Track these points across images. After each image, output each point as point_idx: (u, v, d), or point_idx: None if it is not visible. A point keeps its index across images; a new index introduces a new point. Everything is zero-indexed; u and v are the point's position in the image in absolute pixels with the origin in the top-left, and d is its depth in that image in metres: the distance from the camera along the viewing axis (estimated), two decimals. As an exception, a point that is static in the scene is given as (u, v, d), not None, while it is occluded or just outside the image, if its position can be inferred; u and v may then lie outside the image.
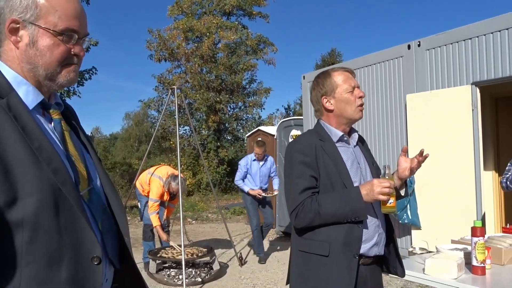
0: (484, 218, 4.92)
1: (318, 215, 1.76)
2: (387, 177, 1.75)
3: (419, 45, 5.58)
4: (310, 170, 1.81)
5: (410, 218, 5.37)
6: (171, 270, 5.45)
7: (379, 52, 6.23)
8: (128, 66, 57.58)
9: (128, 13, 53.16)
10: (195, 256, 5.42)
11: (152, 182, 5.58)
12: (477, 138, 4.95)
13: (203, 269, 5.55)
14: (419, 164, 1.89)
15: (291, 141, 2.02)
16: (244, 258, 6.27)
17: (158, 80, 18.37)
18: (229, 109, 18.92)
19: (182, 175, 5.70)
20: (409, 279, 2.46)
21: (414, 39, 5.66)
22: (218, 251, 6.45)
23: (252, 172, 6.36)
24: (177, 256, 5.37)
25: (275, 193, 6.72)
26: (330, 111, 1.92)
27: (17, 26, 1.02)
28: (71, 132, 1.12)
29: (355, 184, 1.82)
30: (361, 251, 1.80)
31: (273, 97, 42.13)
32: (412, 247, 5.45)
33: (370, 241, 1.82)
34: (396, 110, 5.89)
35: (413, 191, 5.42)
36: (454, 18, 45.84)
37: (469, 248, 2.49)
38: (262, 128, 9.72)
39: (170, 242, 5.63)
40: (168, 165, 7.43)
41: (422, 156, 1.88)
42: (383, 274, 2.02)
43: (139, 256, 5.94)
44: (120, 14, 53.15)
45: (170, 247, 5.64)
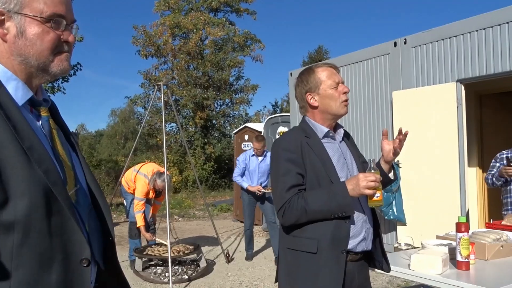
0: (468, 214, 4.99)
1: (305, 212, 1.75)
2: (372, 171, 1.74)
3: (405, 42, 5.61)
4: (296, 167, 1.81)
5: (396, 214, 5.42)
6: (158, 267, 5.41)
7: (366, 49, 6.26)
8: (114, 62, 57.01)
9: (114, 8, 52.56)
10: (182, 254, 5.39)
11: (138, 180, 5.52)
12: (461, 135, 5.01)
13: (189, 266, 5.52)
14: (401, 143, 1.88)
15: (277, 138, 2.01)
16: (231, 255, 6.26)
17: (144, 77, 18.21)
18: (216, 105, 18.86)
19: (168, 172, 5.65)
20: (394, 274, 2.47)
21: (400, 36, 5.70)
22: (204, 248, 6.43)
23: (250, 169, 5.94)
24: (163, 253, 5.33)
25: None
26: (315, 107, 1.91)
27: (2, 18, 0.98)
28: (59, 130, 1.09)
29: (342, 180, 1.81)
30: (349, 247, 1.80)
31: (260, 94, 42.14)
32: (397, 243, 5.50)
33: (358, 236, 1.83)
34: (382, 107, 5.92)
35: (398, 187, 5.46)
36: (440, 15, 46.38)
37: (453, 243, 2.51)
38: (249, 125, 9.70)
39: (157, 239, 5.59)
40: (154, 162, 7.37)
41: (402, 134, 1.89)
42: (370, 270, 2.03)
43: (125, 254, 5.89)
44: (106, 9, 52.56)
45: (157, 244, 5.60)
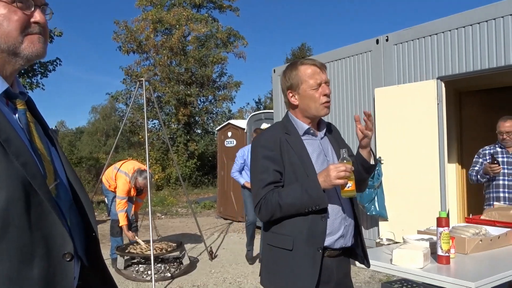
0: (448, 209, 5.07)
1: (279, 207, 1.75)
2: (345, 161, 1.72)
3: (387, 40, 5.66)
4: (274, 164, 1.81)
5: (378, 210, 5.48)
6: (140, 265, 5.36)
7: (348, 46, 6.29)
8: (94, 58, 56.19)
9: (95, 2, 51.72)
10: (164, 251, 5.35)
11: (118, 178, 5.45)
12: (441, 132, 5.08)
13: (172, 264, 5.48)
14: (369, 124, 1.81)
15: (256, 135, 2.02)
16: (214, 252, 6.24)
17: (126, 73, 17.97)
18: (199, 102, 18.76)
19: (150, 169, 5.59)
20: (376, 269, 2.49)
21: (382, 34, 5.75)
22: (188, 246, 6.39)
23: (249, 164, 5.91)
24: (145, 251, 5.28)
25: None
26: (296, 106, 1.90)
27: None
28: (37, 124, 1.06)
29: None
30: (326, 244, 1.79)
31: (243, 90, 42.15)
32: (379, 238, 5.57)
33: (336, 233, 1.82)
34: (365, 104, 5.97)
35: (380, 183, 5.52)
36: (422, 13, 46.98)
37: (434, 238, 2.55)
38: (232, 121, 9.68)
39: (136, 238, 5.53)
40: (135, 159, 7.27)
41: (366, 115, 1.83)
42: (352, 265, 2.04)
43: (107, 252, 5.81)
44: (86, 3, 51.67)
45: (136, 243, 5.55)
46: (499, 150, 3.92)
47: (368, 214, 5.56)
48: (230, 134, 9.38)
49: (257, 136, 1.95)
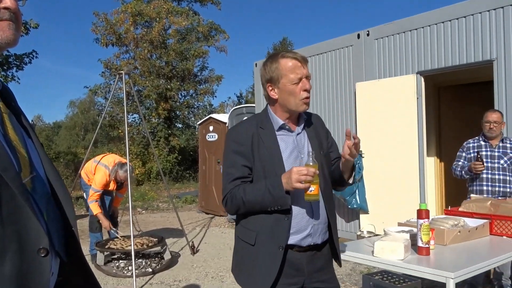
0: (427, 201, 5.16)
1: (243, 203, 1.76)
2: (311, 163, 1.68)
3: (368, 34, 5.70)
4: (242, 159, 1.80)
5: (359, 203, 5.54)
6: (120, 261, 5.30)
7: (330, 41, 6.32)
8: (72, 51, 55.08)
9: (72, -6, 50.60)
10: (145, 246, 5.29)
11: (98, 170, 5.37)
12: (421, 125, 5.16)
13: (153, 259, 5.44)
14: (355, 146, 1.74)
15: (229, 128, 1.97)
16: (196, 246, 6.22)
17: (105, 66, 17.64)
18: (180, 96, 18.57)
19: (130, 163, 5.51)
20: (358, 261, 2.52)
21: (363, 28, 5.79)
22: (169, 241, 6.35)
23: None
24: (126, 247, 5.22)
25: None
26: (275, 100, 1.85)
27: None
28: (11, 114, 1.02)
29: None
30: (292, 242, 1.78)
31: (224, 85, 41.99)
32: (360, 230, 5.63)
33: (303, 232, 1.80)
34: (346, 98, 6.02)
35: (361, 177, 5.58)
36: (402, 8, 47.46)
37: (414, 230, 2.59)
38: (214, 115, 9.62)
39: (112, 230, 5.46)
40: (116, 154, 7.17)
41: (350, 138, 1.75)
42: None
43: (86, 248, 5.71)
44: (63, -5, 50.52)
45: (118, 238, 5.48)
46: (482, 143, 3.97)
47: (349, 207, 5.62)
48: (211, 128, 9.33)
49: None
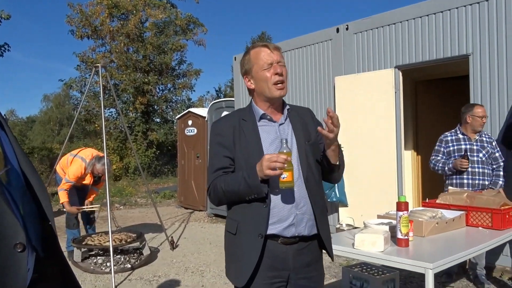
0: (405, 194, 5.24)
1: (223, 193, 1.79)
2: (285, 151, 1.68)
3: (347, 28, 5.73)
4: (224, 150, 1.83)
5: (338, 196, 5.59)
6: (98, 257, 5.21)
7: (309, 35, 6.32)
8: (46, 43, 53.62)
9: (45, -15, 49.19)
10: (124, 242, 5.22)
11: (74, 162, 5.26)
12: (399, 119, 5.23)
13: (132, 255, 5.37)
14: (333, 124, 1.71)
15: (213, 122, 1.98)
16: (175, 242, 6.17)
17: (80, 59, 17.24)
18: (157, 90, 18.31)
19: (108, 158, 5.41)
20: (338, 253, 2.53)
21: (342, 22, 5.81)
22: (148, 236, 6.28)
23: None
24: (104, 243, 5.14)
25: None
26: (252, 90, 1.88)
27: None
28: None
29: None
30: (274, 232, 1.78)
31: (203, 79, 41.53)
32: (339, 223, 5.69)
33: (285, 221, 1.78)
34: (325, 92, 6.04)
35: (340, 170, 5.62)
36: (382, 2, 47.86)
37: (394, 222, 2.62)
38: (193, 110, 9.53)
39: (85, 207, 5.36)
40: (93, 148, 7.02)
41: (329, 116, 1.72)
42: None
43: (63, 245, 5.59)
44: (36, -14, 49.07)
45: (97, 233, 5.39)
46: (461, 137, 4.03)
47: (328, 200, 5.66)
48: (190, 122, 9.25)
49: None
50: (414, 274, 4.00)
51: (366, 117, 5.43)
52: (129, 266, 5.04)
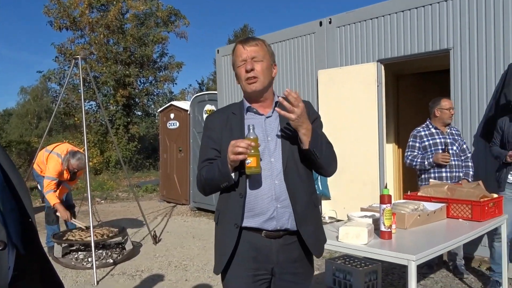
0: (386, 187, 5.31)
1: (204, 181, 1.85)
2: (251, 137, 1.69)
3: (330, 22, 5.73)
4: (211, 142, 1.89)
5: (321, 189, 5.62)
6: (79, 253, 5.14)
7: (292, 28, 6.31)
8: (22, 34, 52.21)
9: (21, -26, 47.82)
10: (106, 237, 5.16)
11: (50, 159, 5.15)
12: (381, 113, 5.28)
13: (114, 250, 5.31)
14: (291, 104, 1.70)
15: (207, 116, 2.05)
16: (158, 236, 6.12)
17: (58, 50, 16.86)
18: (139, 83, 18.08)
19: (87, 153, 5.30)
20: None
21: (326, 16, 5.81)
22: (130, 231, 6.21)
23: None
24: (85, 238, 5.06)
25: None
26: (238, 85, 1.95)
27: None
28: None
29: None
30: (254, 225, 1.79)
31: (185, 72, 41.19)
32: (322, 216, 5.73)
33: (264, 214, 1.78)
34: (308, 85, 6.05)
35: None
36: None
37: (377, 214, 2.65)
38: (175, 103, 9.43)
39: (73, 220, 5.27)
40: (69, 142, 6.86)
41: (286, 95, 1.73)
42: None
43: (43, 241, 5.47)
44: (11, -25, 47.64)
45: (78, 228, 5.31)
46: (434, 131, 4.09)
47: (311, 193, 5.69)
48: (172, 115, 9.16)
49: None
50: (395, 265, 4.07)
51: (348, 110, 5.46)
52: (111, 261, 4.98)
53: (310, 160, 1.81)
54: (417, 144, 4.12)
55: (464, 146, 4.12)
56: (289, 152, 1.82)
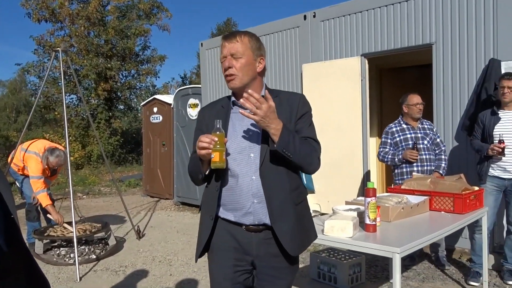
0: (370, 180, 5.36)
1: (189, 173, 1.94)
2: (218, 132, 1.71)
3: (314, 16, 5.73)
4: (200, 135, 1.88)
5: (305, 183, 5.62)
6: (61, 249, 5.06)
7: (276, 22, 6.29)
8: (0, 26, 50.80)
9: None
10: (88, 233, 5.09)
11: (28, 159, 5.02)
12: (365, 107, 5.31)
13: (97, 245, 5.25)
14: (254, 105, 1.68)
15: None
16: (142, 231, 6.07)
17: (37, 43, 16.47)
18: (121, 77, 17.81)
19: (64, 148, 5.20)
20: (308, 240, 2.55)
21: (310, 10, 5.81)
22: (113, 226, 6.14)
23: None
24: (67, 234, 4.99)
25: None
26: None
27: None
28: None
29: (230, 148, 1.81)
30: (233, 218, 1.82)
31: (168, 65, 40.71)
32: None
33: (241, 209, 1.80)
34: (293, 79, 6.05)
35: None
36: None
37: (361, 208, 2.67)
38: (158, 96, 9.32)
39: (65, 225, 5.18)
40: (45, 138, 6.71)
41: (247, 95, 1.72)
42: None
43: (24, 237, 5.39)
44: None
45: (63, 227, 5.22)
46: (405, 127, 4.19)
47: (296, 187, 5.71)
48: (156, 109, 9.06)
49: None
50: (379, 257, 4.12)
51: (333, 104, 5.49)
52: (94, 257, 4.92)
53: (284, 159, 1.77)
54: (388, 141, 4.23)
55: (438, 140, 4.20)
56: (268, 147, 1.79)
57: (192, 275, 4.33)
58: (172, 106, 8.49)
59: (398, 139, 4.17)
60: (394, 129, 4.22)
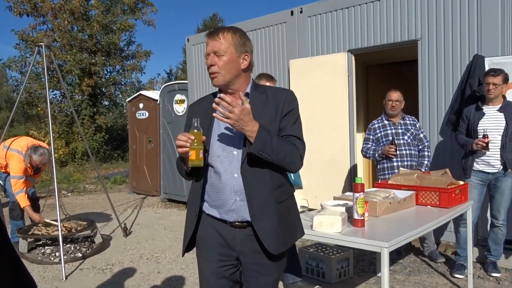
0: (357, 175, 5.40)
1: (177, 168, 1.98)
2: (195, 130, 1.71)
3: (301, 11, 5.73)
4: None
5: (293, 179, 5.63)
6: (46, 247, 4.98)
7: (263, 17, 6.27)
8: (-21, 20, 49.57)
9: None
10: (74, 231, 5.03)
11: (10, 157, 4.91)
12: (351, 103, 5.34)
13: (83, 243, 5.18)
14: (227, 109, 1.68)
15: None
16: (129, 228, 6.02)
17: (19, 37, 16.15)
18: (105, 72, 17.57)
19: (47, 146, 5.11)
20: (297, 236, 2.55)
21: (297, 5, 5.80)
22: (99, 224, 6.08)
23: None
24: (52, 232, 4.91)
25: None
26: None
27: None
28: None
29: (214, 145, 1.84)
30: (217, 215, 1.85)
31: (153, 61, 40.27)
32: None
33: (224, 206, 1.82)
34: (280, 75, 6.04)
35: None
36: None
37: (349, 203, 2.68)
38: (144, 92, 9.23)
39: (46, 220, 5.10)
40: (28, 135, 6.58)
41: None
42: None
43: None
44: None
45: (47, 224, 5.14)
46: (386, 123, 4.26)
47: (283, 183, 5.72)
48: (142, 105, 8.97)
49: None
50: (366, 252, 4.16)
51: (320, 100, 5.50)
52: (80, 255, 4.86)
53: (262, 160, 1.75)
54: (370, 137, 4.33)
55: (421, 135, 4.25)
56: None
57: (180, 272, 4.31)
58: (158, 102, 8.42)
59: (379, 135, 4.24)
60: (376, 125, 4.30)
